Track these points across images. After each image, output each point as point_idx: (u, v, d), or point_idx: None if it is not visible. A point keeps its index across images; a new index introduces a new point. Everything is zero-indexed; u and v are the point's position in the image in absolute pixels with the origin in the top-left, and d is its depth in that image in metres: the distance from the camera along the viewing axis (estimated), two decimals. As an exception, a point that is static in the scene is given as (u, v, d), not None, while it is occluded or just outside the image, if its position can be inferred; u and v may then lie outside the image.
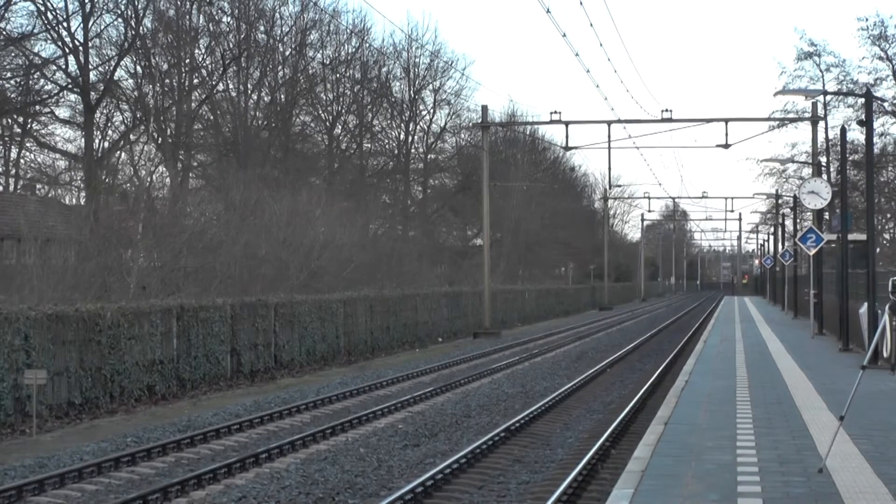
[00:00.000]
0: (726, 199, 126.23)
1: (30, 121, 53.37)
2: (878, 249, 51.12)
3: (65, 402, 23.12)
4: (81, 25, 50.49)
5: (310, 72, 65.54)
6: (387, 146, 76.69)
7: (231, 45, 59.80)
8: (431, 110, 76.97)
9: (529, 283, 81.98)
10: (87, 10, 50.64)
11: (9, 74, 50.25)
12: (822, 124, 60.39)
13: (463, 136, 78.81)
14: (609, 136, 50.00)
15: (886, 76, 63.70)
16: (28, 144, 54.62)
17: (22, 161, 55.71)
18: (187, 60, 57.41)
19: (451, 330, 51.65)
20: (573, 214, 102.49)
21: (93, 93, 51.21)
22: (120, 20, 53.26)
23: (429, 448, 18.51)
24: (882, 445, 12.95)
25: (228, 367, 30.25)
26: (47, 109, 53.47)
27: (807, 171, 58.96)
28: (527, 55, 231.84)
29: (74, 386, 23.42)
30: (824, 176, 51.79)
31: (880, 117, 62.40)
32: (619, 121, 50.30)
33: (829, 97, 61.17)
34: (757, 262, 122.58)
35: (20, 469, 16.71)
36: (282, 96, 63.98)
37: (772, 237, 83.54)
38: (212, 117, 61.34)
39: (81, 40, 50.49)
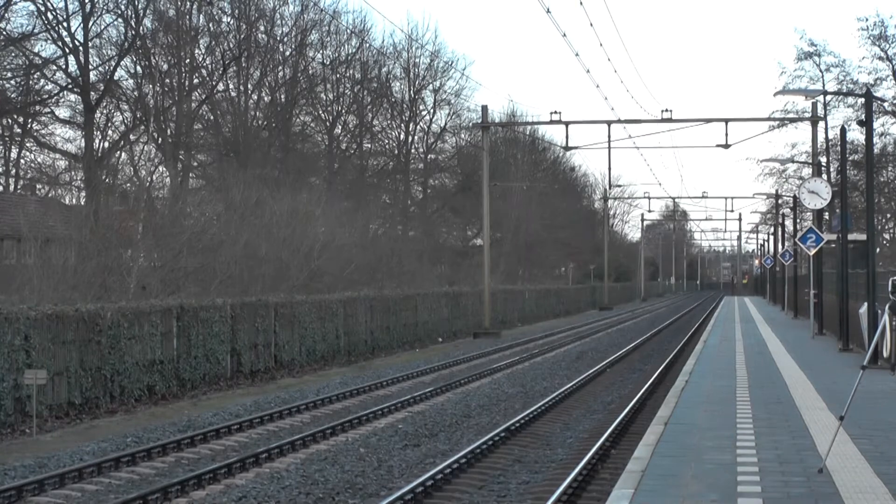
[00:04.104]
0: (726, 199, 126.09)
1: (30, 121, 53.40)
2: (878, 249, 51.12)
3: (65, 402, 23.12)
4: (81, 25, 50.55)
5: (310, 72, 65.58)
6: (387, 146, 76.74)
7: (231, 45, 59.82)
8: (431, 110, 77.09)
9: (529, 283, 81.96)
10: (87, 10, 50.68)
11: (9, 74, 50.30)
12: (822, 124, 60.42)
13: (463, 136, 78.87)
14: (609, 136, 50.03)
15: (886, 76, 63.80)
16: (28, 144, 54.73)
17: (22, 161, 55.85)
18: (187, 60, 57.40)
19: (451, 330, 51.64)
20: (573, 214, 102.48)
21: (93, 93, 51.22)
22: (120, 20, 53.36)
23: (429, 448, 18.51)
24: (882, 445, 12.95)
25: (228, 367, 30.24)
26: (47, 109, 53.56)
27: (807, 171, 58.96)
28: (527, 55, 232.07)
29: (74, 386, 23.42)
30: (824, 176, 51.78)
31: (880, 117, 62.54)
32: (619, 121, 50.31)
33: (829, 97, 61.25)
34: (757, 262, 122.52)
35: (20, 469, 16.71)
36: (282, 96, 63.98)
37: (772, 237, 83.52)
38: (212, 117, 61.33)
39: (81, 40, 50.53)
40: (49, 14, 50.28)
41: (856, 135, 58.36)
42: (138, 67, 55.68)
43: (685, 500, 10.03)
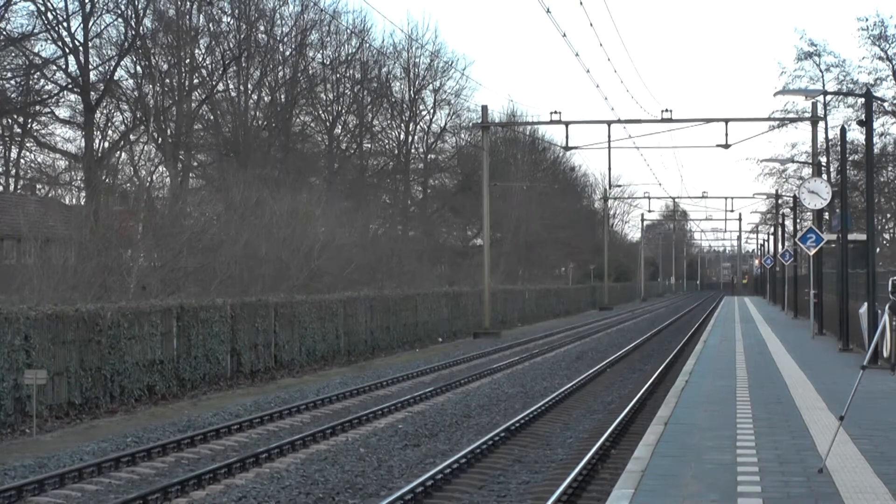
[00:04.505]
0: (726, 199, 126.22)
1: (30, 121, 53.40)
2: (878, 249, 51.12)
3: (65, 402, 23.12)
4: (81, 25, 50.54)
5: (310, 72, 65.59)
6: (387, 146, 76.76)
7: (231, 45, 59.84)
8: (431, 110, 77.11)
9: (529, 283, 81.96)
10: (87, 10, 50.67)
11: (9, 74, 50.30)
12: (822, 124, 60.45)
13: (463, 136, 78.89)
14: (609, 136, 50.03)
15: (886, 76, 63.82)
16: (28, 144, 54.73)
17: (22, 161, 55.85)
18: (187, 60, 57.40)
19: (451, 330, 51.64)
20: (573, 214, 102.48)
21: (93, 93, 51.22)
22: (120, 20, 53.36)
23: (429, 448, 18.51)
24: (882, 445, 12.95)
25: (228, 367, 30.24)
26: (47, 109, 53.56)
27: (807, 171, 58.96)
28: (527, 55, 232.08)
29: (74, 386, 23.42)
30: (824, 176, 51.78)
31: (880, 117, 62.56)
32: (619, 121, 50.30)
33: (829, 97, 61.28)
34: (757, 262, 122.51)
35: (20, 469, 16.71)
36: (282, 96, 63.99)
37: (772, 237, 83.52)
38: (212, 117, 61.34)
39: (81, 40, 50.52)
40: (49, 14, 50.31)
41: (856, 135, 58.42)
42: (138, 67, 55.75)
43: (685, 500, 10.03)
